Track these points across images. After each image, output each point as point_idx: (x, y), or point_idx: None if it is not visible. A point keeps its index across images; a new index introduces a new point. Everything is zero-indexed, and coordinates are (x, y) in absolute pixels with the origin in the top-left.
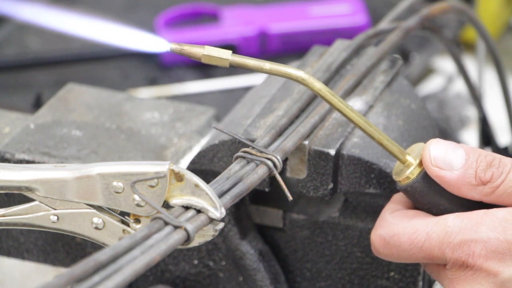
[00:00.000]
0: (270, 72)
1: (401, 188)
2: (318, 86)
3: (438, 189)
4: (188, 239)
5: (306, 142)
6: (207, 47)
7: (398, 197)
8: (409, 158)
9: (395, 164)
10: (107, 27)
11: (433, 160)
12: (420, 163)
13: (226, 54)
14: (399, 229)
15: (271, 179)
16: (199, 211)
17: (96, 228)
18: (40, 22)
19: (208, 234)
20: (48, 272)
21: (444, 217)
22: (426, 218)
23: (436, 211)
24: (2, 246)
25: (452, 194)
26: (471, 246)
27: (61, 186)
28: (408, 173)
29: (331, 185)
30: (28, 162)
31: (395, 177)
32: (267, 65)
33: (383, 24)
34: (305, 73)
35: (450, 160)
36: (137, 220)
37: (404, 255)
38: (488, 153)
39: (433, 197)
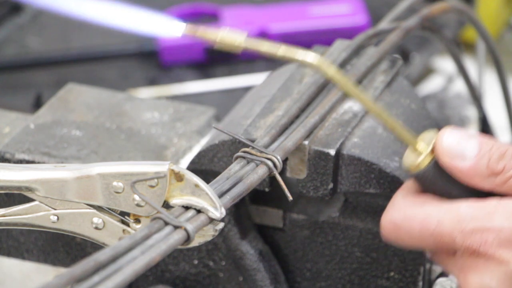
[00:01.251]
0: (283, 58)
1: (411, 176)
2: (332, 72)
3: (449, 178)
4: (188, 239)
5: (306, 142)
6: (222, 30)
7: (410, 183)
8: (421, 146)
9: (406, 151)
10: (121, 10)
11: (445, 149)
12: (432, 151)
13: (240, 38)
14: (410, 214)
15: (271, 179)
16: (199, 211)
17: (96, 228)
18: (57, 8)
19: (208, 234)
20: (48, 272)
21: (456, 204)
22: (438, 204)
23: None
24: (2, 246)
25: (463, 184)
26: (483, 234)
27: (61, 186)
28: (419, 161)
29: (331, 185)
30: (28, 162)
31: (405, 164)
32: (281, 50)
33: (383, 24)
34: (319, 59)
35: (463, 149)
36: (137, 220)
37: (414, 240)
38: (501, 144)
39: (444, 186)
